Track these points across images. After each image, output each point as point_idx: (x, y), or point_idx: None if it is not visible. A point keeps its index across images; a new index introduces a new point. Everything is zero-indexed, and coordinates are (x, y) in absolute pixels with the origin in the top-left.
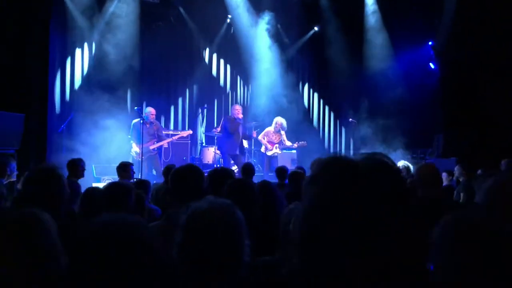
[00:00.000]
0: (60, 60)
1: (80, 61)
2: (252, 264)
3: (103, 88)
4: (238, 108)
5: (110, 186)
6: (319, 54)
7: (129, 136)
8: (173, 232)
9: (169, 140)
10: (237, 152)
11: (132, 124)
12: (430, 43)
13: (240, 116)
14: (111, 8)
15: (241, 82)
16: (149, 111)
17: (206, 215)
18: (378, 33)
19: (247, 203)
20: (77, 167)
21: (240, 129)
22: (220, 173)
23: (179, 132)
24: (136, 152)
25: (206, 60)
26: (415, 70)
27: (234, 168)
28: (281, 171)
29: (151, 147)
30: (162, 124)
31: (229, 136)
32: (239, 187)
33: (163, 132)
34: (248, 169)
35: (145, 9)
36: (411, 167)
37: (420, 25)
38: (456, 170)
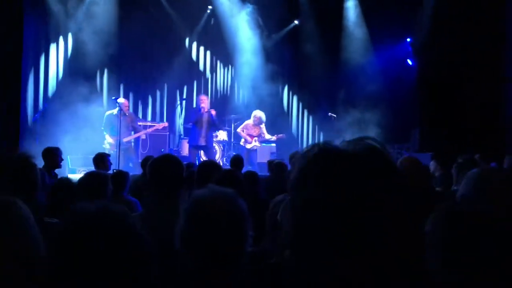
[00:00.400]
0: (36, 50)
1: (55, 51)
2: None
3: (80, 77)
4: (203, 98)
5: (87, 175)
6: (298, 47)
7: (102, 128)
8: (154, 222)
9: (144, 132)
10: (200, 143)
11: (105, 115)
12: (408, 39)
13: (203, 105)
14: None
15: (222, 70)
16: (123, 102)
17: (209, 203)
18: (357, 28)
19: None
20: (54, 156)
21: (205, 120)
22: (208, 166)
23: (155, 124)
24: (110, 144)
25: (187, 48)
26: (393, 66)
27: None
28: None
29: (125, 140)
30: (140, 115)
31: (192, 126)
32: (228, 178)
33: (139, 124)
34: (237, 161)
35: None
36: None
37: (399, 22)
38: (431, 165)
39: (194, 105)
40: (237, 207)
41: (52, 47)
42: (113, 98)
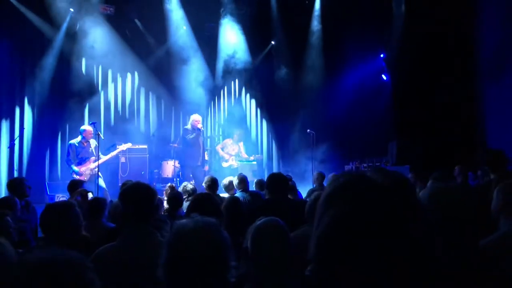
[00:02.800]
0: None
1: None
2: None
3: (59, 102)
4: (197, 119)
5: (47, 208)
6: (273, 68)
7: (66, 158)
8: (128, 254)
9: (108, 156)
10: (199, 163)
11: (68, 144)
12: (381, 55)
13: (200, 126)
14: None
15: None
16: (85, 129)
17: (192, 234)
18: (330, 46)
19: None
20: (19, 186)
21: (201, 140)
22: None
23: (118, 147)
24: (77, 173)
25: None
26: (368, 82)
27: (192, 182)
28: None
29: (92, 166)
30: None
31: (188, 147)
32: (202, 202)
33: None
34: (212, 183)
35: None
36: None
37: (372, 38)
38: (410, 178)
39: (188, 126)
40: (220, 238)
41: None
42: (91, 123)
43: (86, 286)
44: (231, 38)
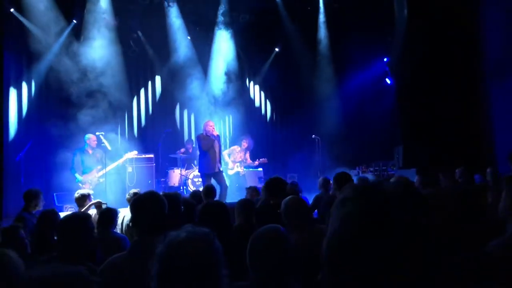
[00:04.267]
0: (15, 86)
1: (35, 88)
2: None
3: (62, 113)
4: (211, 124)
5: (66, 219)
6: (280, 73)
7: (71, 169)
8: (139, 264)
9: (114, 164)
10: (217, 170)
11: (73, 154)
12: (385, 59)
13: (215, 132)
14: (68, 29)
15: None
16: (89, 137)
17: (183, 245)
18: (335, 52)
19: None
20: (34, 198)
21: (216, 145)
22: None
23: (124, 155)
24: (82, 182)
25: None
26: (373, 86)
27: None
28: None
29: (98, 174)
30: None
31: (204, 154)
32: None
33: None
34: (209, 191)
35: (103, 33)
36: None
37: (376, 43)
38: (416, 180)
39: (203, 133)
40: (211, 248)
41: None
42: (97, 133)
43: None
44: (231, 47)
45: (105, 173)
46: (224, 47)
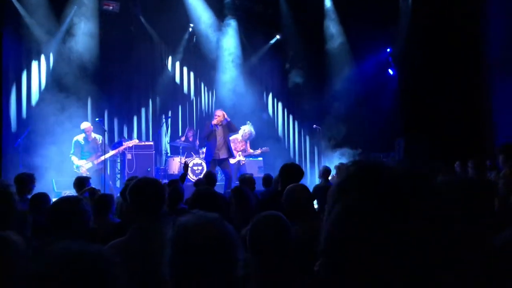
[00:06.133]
0: (15, 73)
1: (37, 74)
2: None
3: (62, 99)
4: (218, 114)
5: (57, 201)
6: (281, 61)
7: (71, 154)
8: (136, 249)
9: (113, 152)
10: (217, 157)
11: (73, 141)
12: (388, 50)
13: (214, 122)
14: (69, 17)
15: (205, 89)
16: (86, 127)
17: (195, 231)
18: (337, 41)
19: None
20: (25, 182)
21: (220, 134)
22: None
23: (124, 144)
24: (78, 167)
25: (169, 68)
26: (375, 77)
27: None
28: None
29: (96, 162)
30: (125, 135)
31: (207, 143)
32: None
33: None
34: (210, 178)
35: (105, 19)
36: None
37: (379, 33)
38: None
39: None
40: (224, 232)
41: (33, 68)
42: (96, 119)
43: (112, 278)
44: (235, 35)
45: (104, 161)
46: (227, 34)
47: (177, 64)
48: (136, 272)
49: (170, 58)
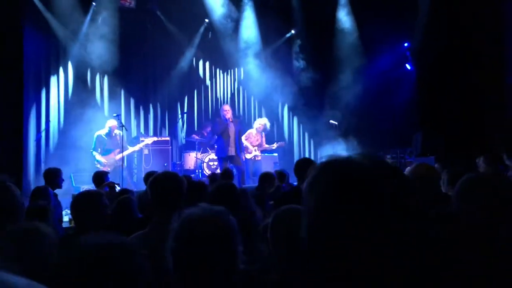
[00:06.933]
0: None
1: (62, 72)
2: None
3: (82, 95)
4: (226, 109)
5: (78, 195)
6: (295, 56)
7: (91, 149)
8: (155, 242)
9: (134, 149)
10: (230, 154)
11: (95, 136)
12: (406, 44)
13: (228, 116)
14: (88, 16)
15: (222, 80)
16: (111, 125)
17: (199, 221)
18: (353, 35)
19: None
20: (54, 177)
21: (232, 130)
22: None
23: (143, 140)
24: (100, 163)
25: (187, 61)
26: (392, 71)
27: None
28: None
29: (117, 157)
30: (142, 130)
31: (219, 138)
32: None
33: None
34: (226, 174)
35: (121, 16)
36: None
37: (397, 27)
38: (436, 168)
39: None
40: (226, 224)
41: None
42: (114, 115)
43: (137, 270)
44: (252, 28)
45: (123, 157)
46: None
47: (194, 57)
48: (158, 264)
49: (187, 52)
